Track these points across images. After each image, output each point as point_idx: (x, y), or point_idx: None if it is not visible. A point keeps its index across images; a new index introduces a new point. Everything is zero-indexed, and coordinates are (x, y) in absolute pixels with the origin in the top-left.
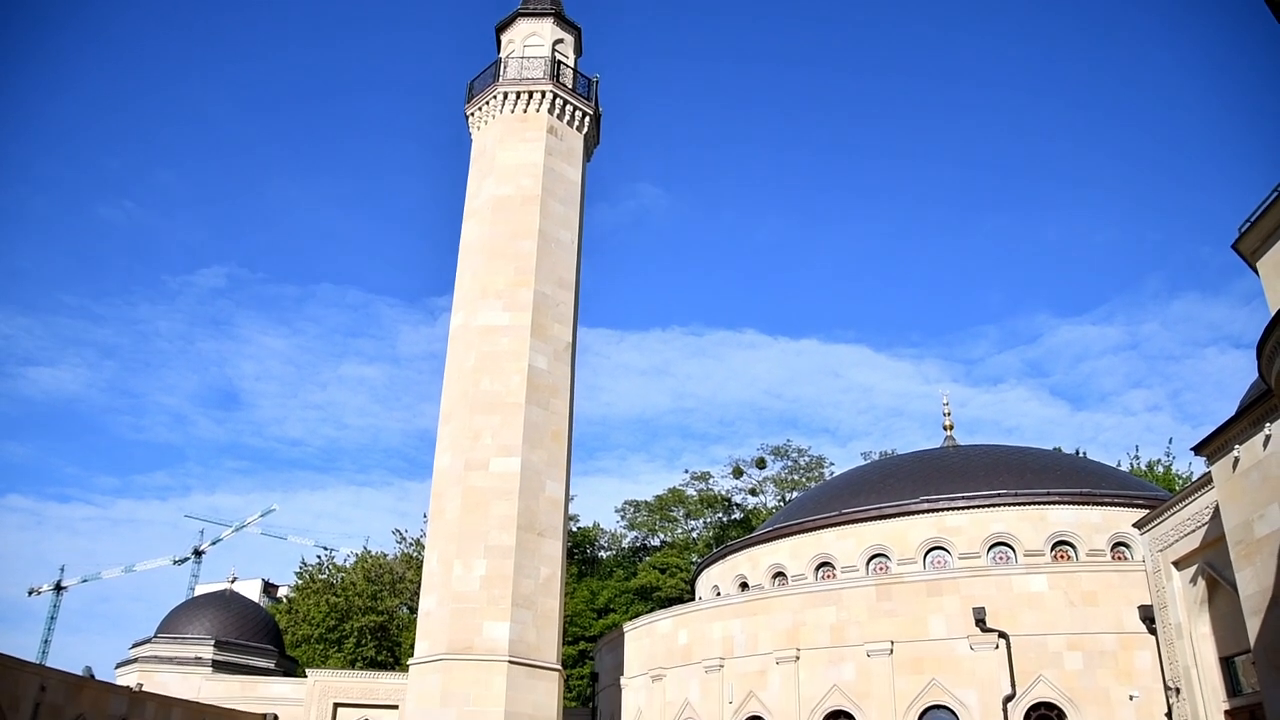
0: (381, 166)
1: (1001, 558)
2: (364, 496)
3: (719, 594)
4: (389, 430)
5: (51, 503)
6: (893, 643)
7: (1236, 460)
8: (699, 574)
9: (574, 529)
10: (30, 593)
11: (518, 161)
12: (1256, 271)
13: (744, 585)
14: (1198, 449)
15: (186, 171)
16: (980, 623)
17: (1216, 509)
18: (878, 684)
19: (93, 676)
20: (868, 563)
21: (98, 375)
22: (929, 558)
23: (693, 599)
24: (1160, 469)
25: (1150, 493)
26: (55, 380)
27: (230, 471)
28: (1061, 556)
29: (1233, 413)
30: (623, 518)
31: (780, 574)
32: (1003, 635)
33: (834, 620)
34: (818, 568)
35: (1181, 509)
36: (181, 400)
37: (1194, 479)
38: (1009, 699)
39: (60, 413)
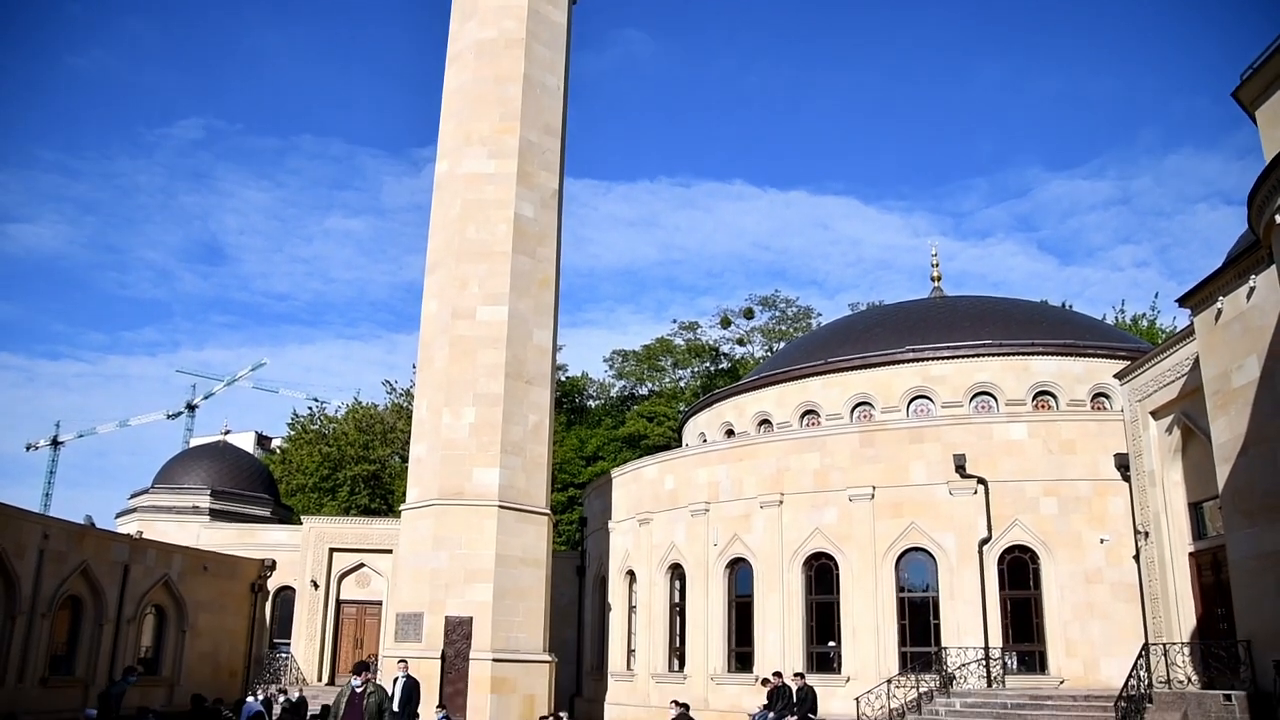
0: (361, 14)
1: (984, 406)
2: (353, 350)
3: (705, 441)
4: (376, 283)
5: (42, 360)
6: (874, 488)
7: (1219, 312)
8: (686, 422)
9: (562, 378)
10: (28, 448)
11: (500, 3)
12: (1255, 121)
13: (730, 432)
14: (1182, 300)
15: (155, 18)
16: (960, 469)
17: (1196, 360)
18: (859, 527)
19: (94, 525)
20: (852, 411)
21: (79, 231)
22: (912, 406)
23: (680, 447)
24: (1145, 323)
25: (1133, 345)
26: (37, 237)
27: (218, 326)
28: (1042, 406)
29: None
30: (611, 367)
31: (766, 421)
32: (982, 481)
33: (817, 466)
34: (803, 415)
35: (1162, 360)
36: (165, 255)
37: (1177, 333)
38: (985, 542)
39: (44, 270)
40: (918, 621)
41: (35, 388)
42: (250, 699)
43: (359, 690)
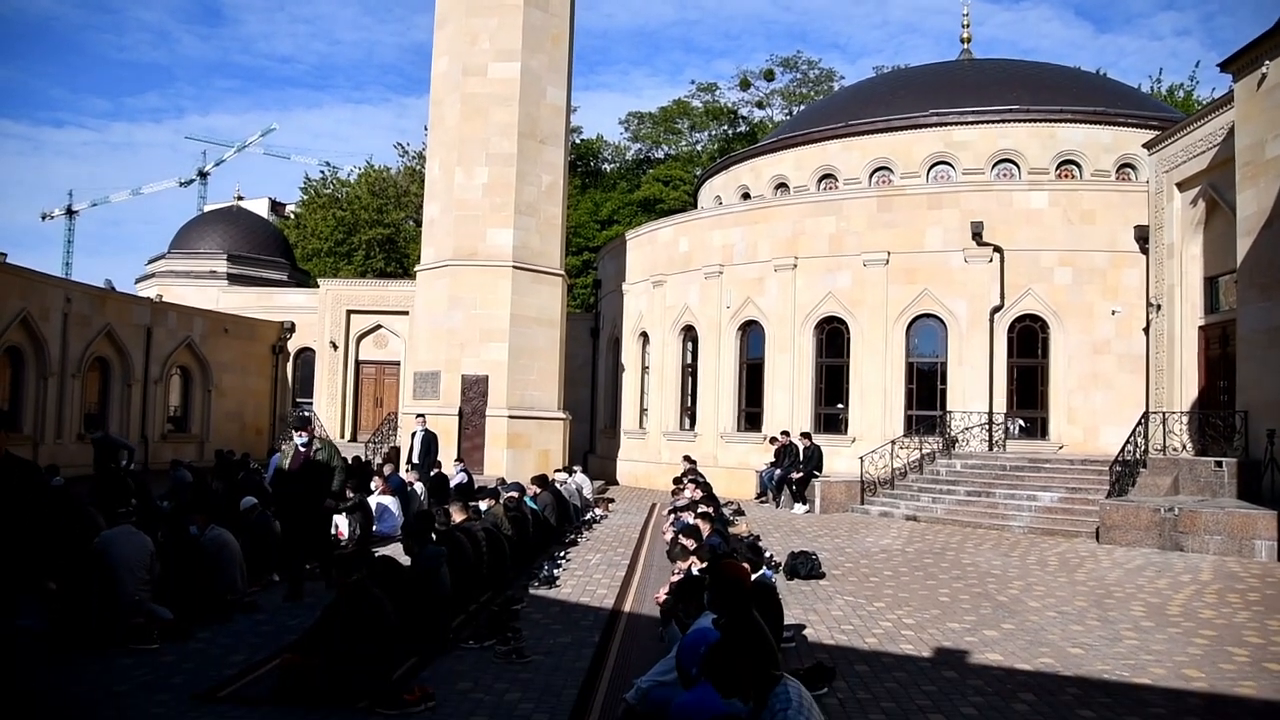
0: None
1: (1006, 175)
2: (362, 114)
3: (721, 204)
4: (384, 45)
5: (46, 127)
6: (889, 253)
7: (1263, 78)
8: (701, 185)
9: (577, 141)
10: (43, 217)
11: None
12: None
13: (746, 196)
14: (1224, 65)
15: None
16: (977, 236)
17: (1230, 131)
18: (871, 292)
19: (114, 289)
20: (871, 175)
21: None
22: (932, 172)
23: (695, 210)
24: (1181, 94)
25: (1166, 114)
26: None
27: (222, 91)
28: (1066, 175)
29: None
30: (626, 129)
31: (782, 185)
32: (998, 249)
33: (833, 230)
34: (820, 179)
35: (1194, 130)
36: (162, 15)
37: (1213, 101)
38: (997, 310)
39: (37, 32)
40: (925, 387)
41: (42, 156)
42: (277, 454)
43: (303, 449)
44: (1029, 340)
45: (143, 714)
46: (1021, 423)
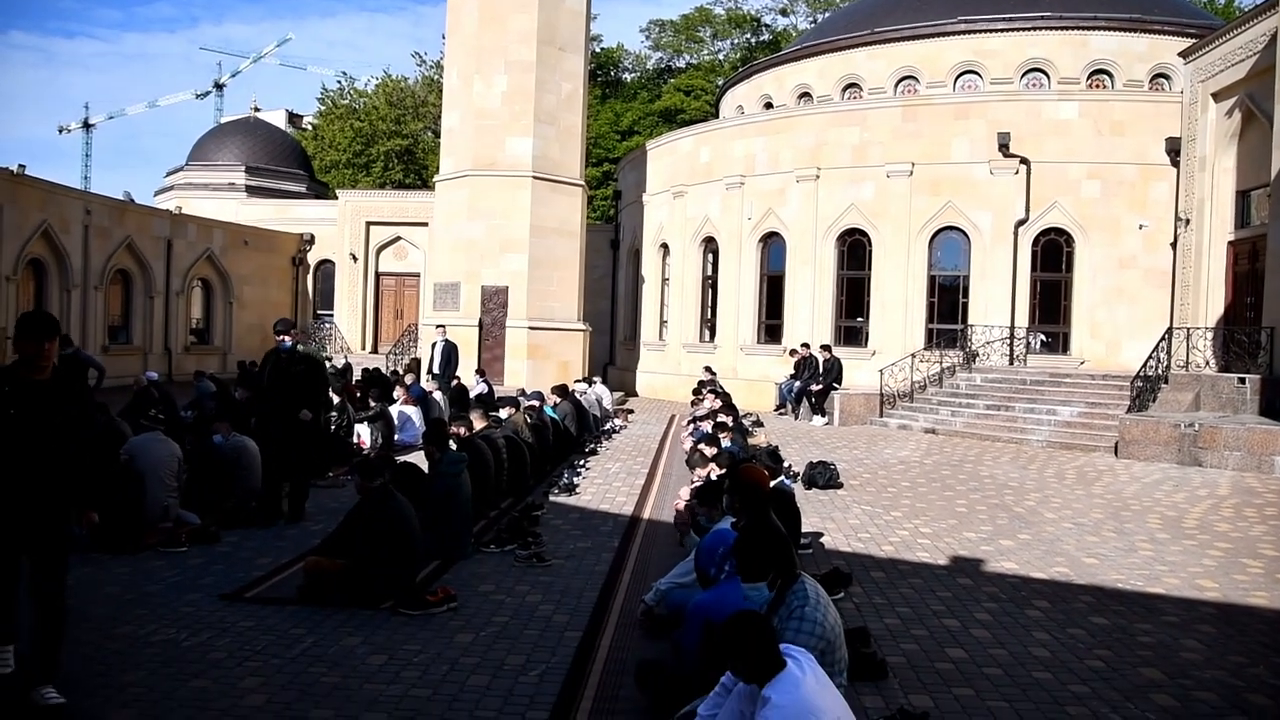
0: None
1: (1035, 85)
2: (378, 23)
3: (743, 114)
4: None
5: (57, 38)
6: (913, 164)
7: None
8: (723, 95)
9: (597, 49)
10: (60, 130)
11: None
12: None
13: (769, 105)
14: None
15: None
16: (1004, 147)
17: (1272, 38)
18: (895, 204)
19: (133, 201)
20: (896, 85)
21: None
22: (959, 82)
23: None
24: (1221, 1)
25: (1204, 21)
26: None
27: (236, 0)
28: (1097, 86)
29: None
30: (647, 38)
31: (806, 95)
32: (1024, 161)
33: (857, 141)
34: (844, 89)
35: (1233, 37)
36: None
37: (1255, 7)
38: (1021, 223)
39: None
40: (946, 300)
41: (55, 69)
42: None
43: (286, 351)
44: (1053, 254)
45: (173, 612)
46: (1043, 337)
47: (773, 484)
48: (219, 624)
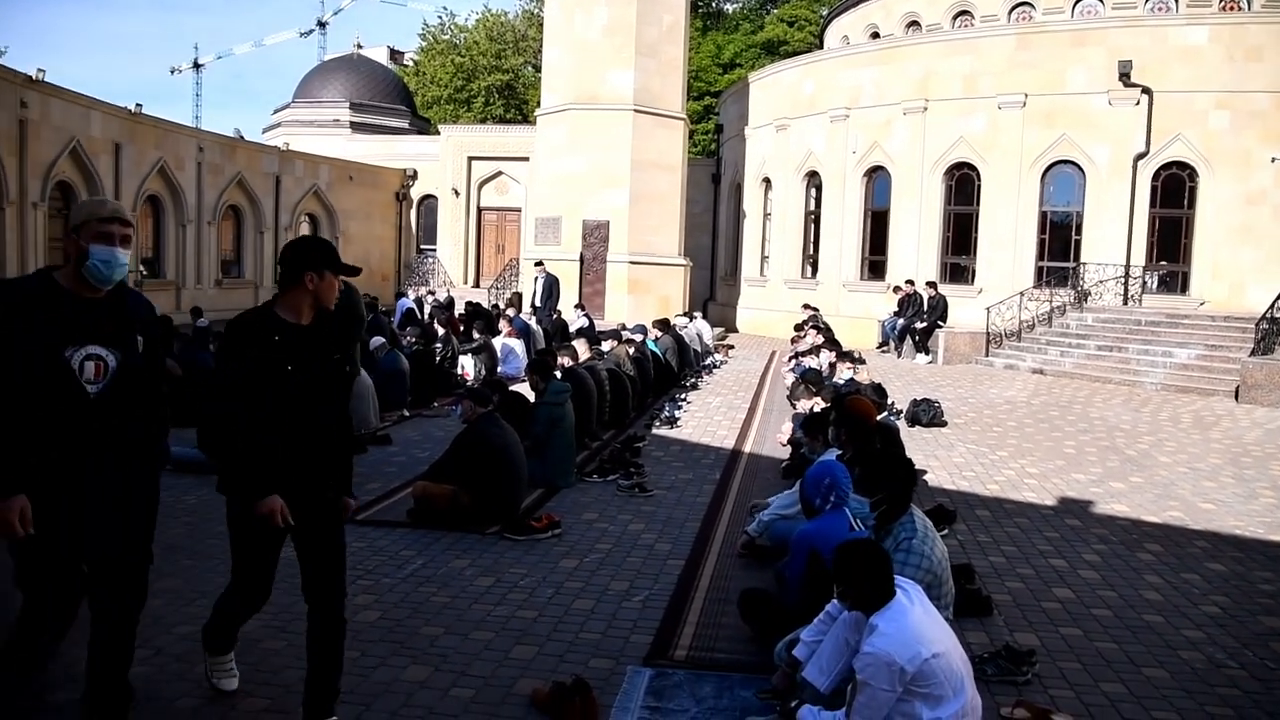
0: None
1: (1161, 8)
2: None
3: (849, 45)
4: None
5: None
6: (1027, 95)
7: None
8: (828, 25)
9: None
10: (172, 71)
11: None
12: None
13: (875, 36)
14: None
15: None
16: (1125, 76)
17: None
18: (1006, 136)
19: (243, 138)
20: (1010, 11)
21: None
22: (1078, 7)
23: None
24: None
25: None
26: None
27: None
28: (1231, 8)
29: None
30: None
31: (914, 23)
32: (1146, 91)
33: (967, 70)
34: (956, 16)
35: None
36: None
37: None
38: (1141, 156)
39: None
40: (1058, 237)
41: (165, 10)
42: (403, 298)
43: None
44: (1174, 190)
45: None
46: (1160, 277)
47: (878, 418)
48: None
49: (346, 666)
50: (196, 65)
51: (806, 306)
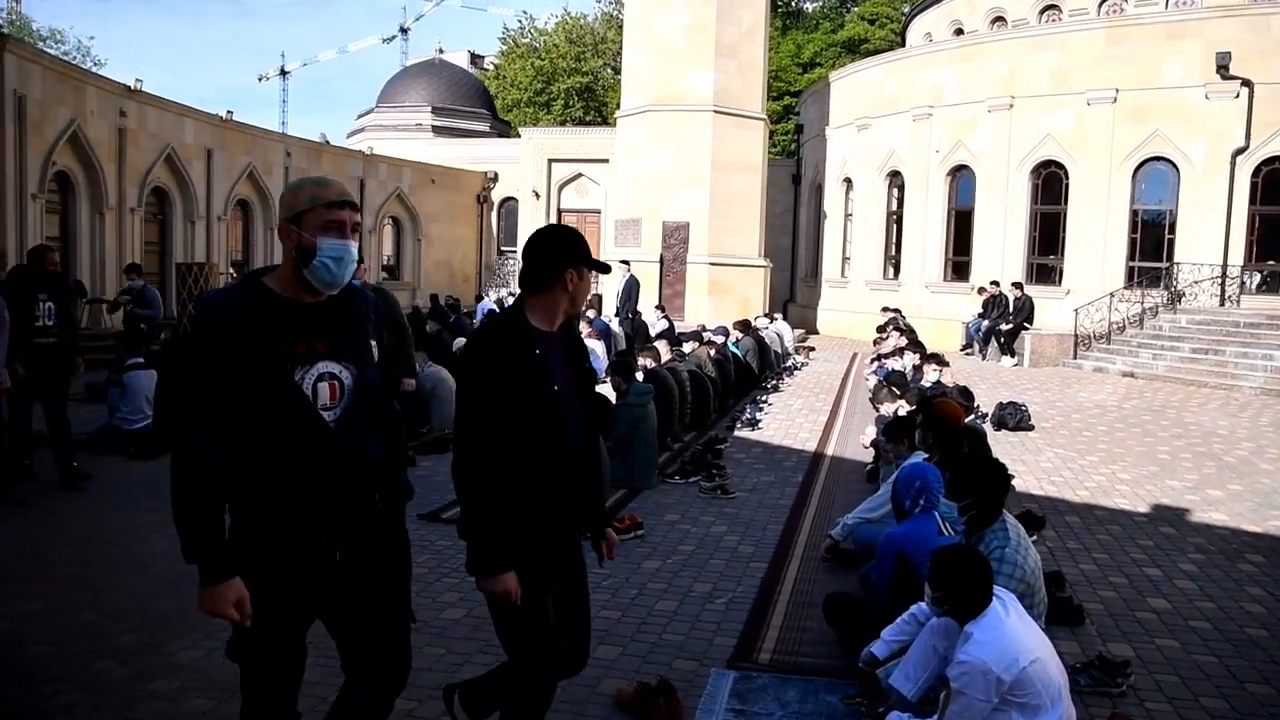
0: None
1: None
2: None
3: (931, 42)
4: None
5: None
6: (1117, 90)
7: None
8: (910, 22)
9: None
10: (260, 78)
11: None
12: None
13: (959, 32)
14: None
15: None
16: (1223, 69)
17: None
18: (1095, 133)
19: (328, 143)
20: (1100, 4)
21: None
22: None
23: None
24: None
25: None
26: None
27: None
28: None
29: None
30: None
31: (999, 19)
32: (1246, 83)
33: (1055, 66)
34: (1042, 11)
35: None
36: None
37: None
38: (1240, 152)
39: None
40: (1149, 236)
41: (252, 19)
42: (484, 300)
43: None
44: (1276, 185)
45: None
46: (1261, 277)
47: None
48: (419, 542)
49: (432, 663)
50: (283, 72)
51: (886, 309)
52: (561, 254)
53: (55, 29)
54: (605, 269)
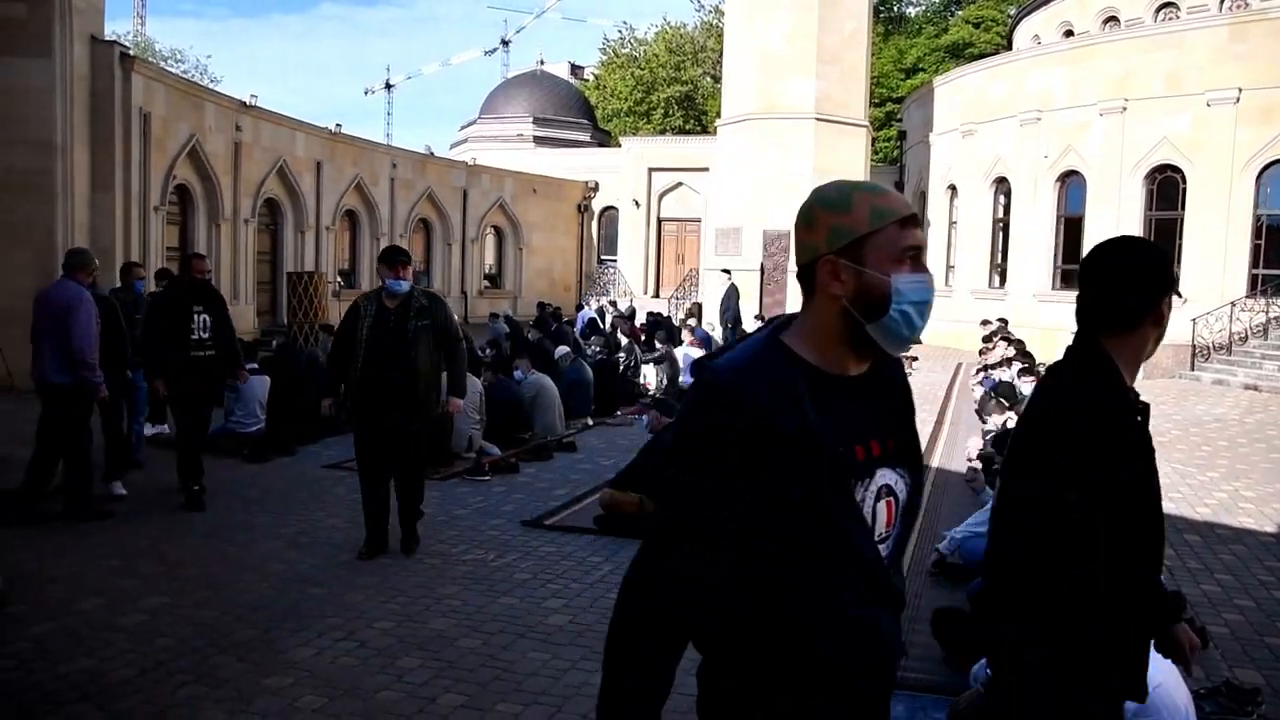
0: None
1: None
2: None
3: (1039, 44)
4: None
5: (359, 8)
6: (1240, 90)
7: None
8: (1017, 25)
9: None
10: (366, 92)
11: None
12: None
13: (1068, 34)
14: None
15: None
16: None
17: None
18: (1215, 135)
19: (433, 154)
20: (1221, 1)
21: None
22: None
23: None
24: None
25: None
26: None
27: None
28: None
29: None
30: None
31: (1112, 19)
32: None
33: (1171, 66)
34: (1158, 10)
35: None
36: None
37: None
38: None
39: None
40: (1275, 243)
41: (358, 36)
42: (584, 309)
43: (394, 293)
44: None
45: (480, 535)
46: None
47: None
48: (522, 547)
49: (537, 668)
50: (388, 86)
51: (985, 323)
52: (1153, 273)
53: (175, 49)
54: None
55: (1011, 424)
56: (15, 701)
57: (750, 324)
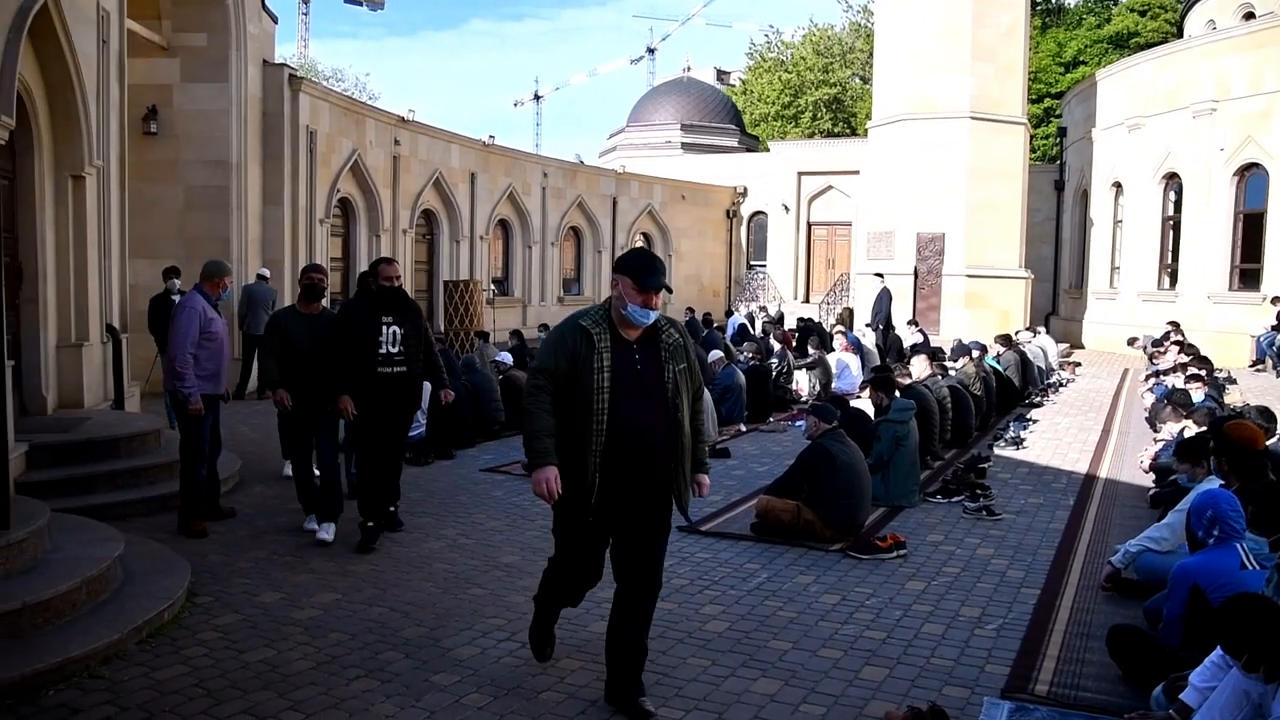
0: None
1: None
2: None
3: (1214, 29)
4: None
5: (508, 22)
6: None
7: None
8: (1188, 10)
9: None
10: (515, 104)
11: None
12: None
13: (1249, 16)
14: None
15: None
16: None
17: None
18: None
19: (582, 163)
20: None
21: None
22: None
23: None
24: None
25: None
26: None
27: None
28: None
29: None
30: None
31: None
32: None
33: None
34: None
35: None
36: None
37: None
38: None
39: None
40: None
41: (506, 50)
42: (734, 315)
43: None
44: None
45: None
46: None
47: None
48: (678, 553)
49: (696, 674)
50: (537, 97)
51: (1132, 342)
52: None
53: (337, 68)
54: None
55: (1190, 432)
56: (206, 688)
57: (903, 329)
